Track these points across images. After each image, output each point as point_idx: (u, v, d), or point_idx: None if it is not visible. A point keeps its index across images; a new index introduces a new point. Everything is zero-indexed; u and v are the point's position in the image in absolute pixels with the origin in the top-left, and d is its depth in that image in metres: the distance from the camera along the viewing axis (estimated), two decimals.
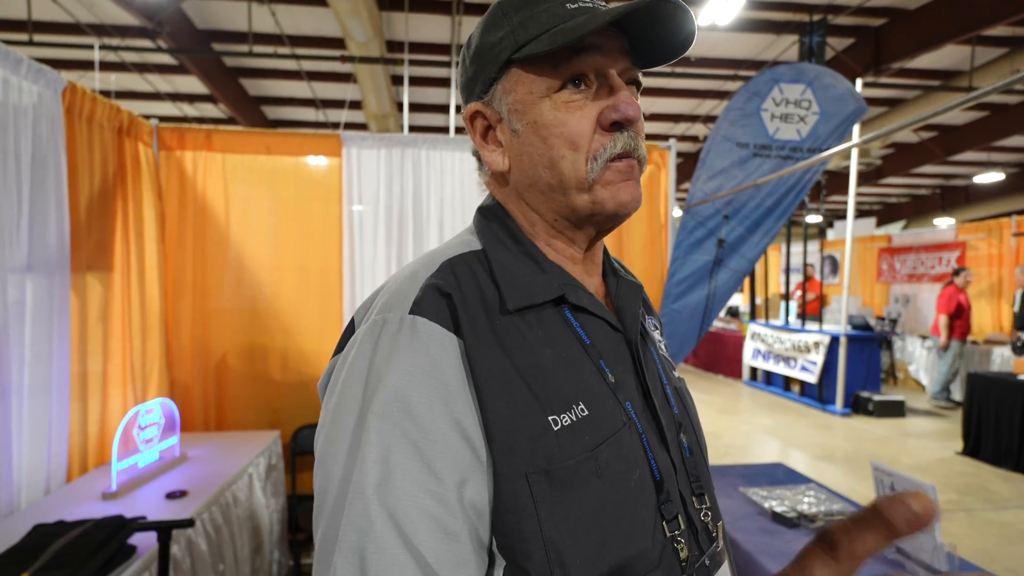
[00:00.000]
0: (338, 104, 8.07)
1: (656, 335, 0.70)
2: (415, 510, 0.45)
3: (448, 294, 0.52)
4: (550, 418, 0.50)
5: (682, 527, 0.54)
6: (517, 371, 0.51)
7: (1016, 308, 6.10)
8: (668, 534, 0.53)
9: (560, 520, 0.48)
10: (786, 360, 7.15)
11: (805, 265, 7.59)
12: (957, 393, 6.75)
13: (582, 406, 0.52)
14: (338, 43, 6.21)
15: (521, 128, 0.58)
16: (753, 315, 9.24)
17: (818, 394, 6.64)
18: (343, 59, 5.65)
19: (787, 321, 7.76)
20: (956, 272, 6.61)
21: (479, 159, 0.64)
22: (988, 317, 7.78)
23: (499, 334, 0.52)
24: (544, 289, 0.56)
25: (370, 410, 0.47)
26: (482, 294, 0.54)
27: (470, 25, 5.79)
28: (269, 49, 6.07)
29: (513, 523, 0.48)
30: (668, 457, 0.56)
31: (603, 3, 0.58)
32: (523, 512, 0.47)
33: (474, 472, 0.48)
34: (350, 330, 0.56)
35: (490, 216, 0.63)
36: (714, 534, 0.58)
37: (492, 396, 0.49)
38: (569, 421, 0.51)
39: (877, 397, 6.23)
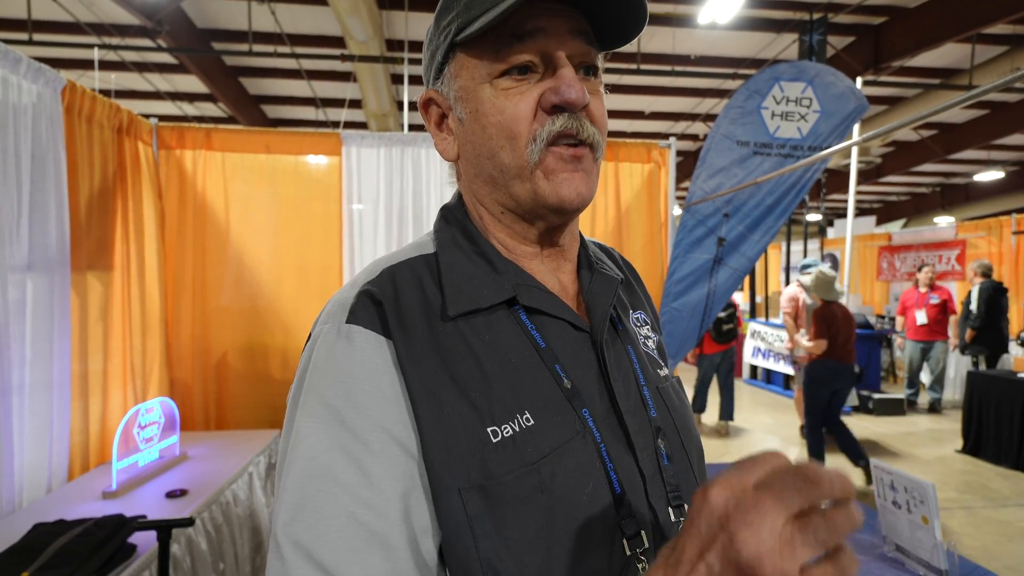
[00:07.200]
0: (338, 103, 8.07)
1: (644, 331, 0.65)
2: (349, 524, 0.43)
3: (380, 301, 0.51)
4: (489, 430, 0.47)
5: (646, 544, 0.49)
6: (454, 380, 0.48)
7: None
8: (629, 552, 0.48)
9: (497, 538, 0.45)
10: (786, 358, 7.15)
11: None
12: (922, 394, 6.64)
13: (528, 415, 0.48)
14: (338, 42, 6.21)
15: (465, 116, 0.55)
16: (753, 313, 9.24)
17: None
18: (343, 58, 5.64)
19: None
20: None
21: None
22: None
23: (439, 341, 0.50)
24: (494, 291, 0.53)
25: (304, 422, 0.47)
26: (425, 300, 0.52)
27: None
28: (269, 48, 6.06)
29: (451, 540, 0.45)
30: (636, 466, 0.51)
31: None
32: (459, 529, 0.45)
33: (415, 482, 0.46)
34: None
35: (449, 215, 0.60)
36: None
37: (425, 407, 0.47)
38: (511, 432, 0.47)
39: (877, 395, 6.23)
